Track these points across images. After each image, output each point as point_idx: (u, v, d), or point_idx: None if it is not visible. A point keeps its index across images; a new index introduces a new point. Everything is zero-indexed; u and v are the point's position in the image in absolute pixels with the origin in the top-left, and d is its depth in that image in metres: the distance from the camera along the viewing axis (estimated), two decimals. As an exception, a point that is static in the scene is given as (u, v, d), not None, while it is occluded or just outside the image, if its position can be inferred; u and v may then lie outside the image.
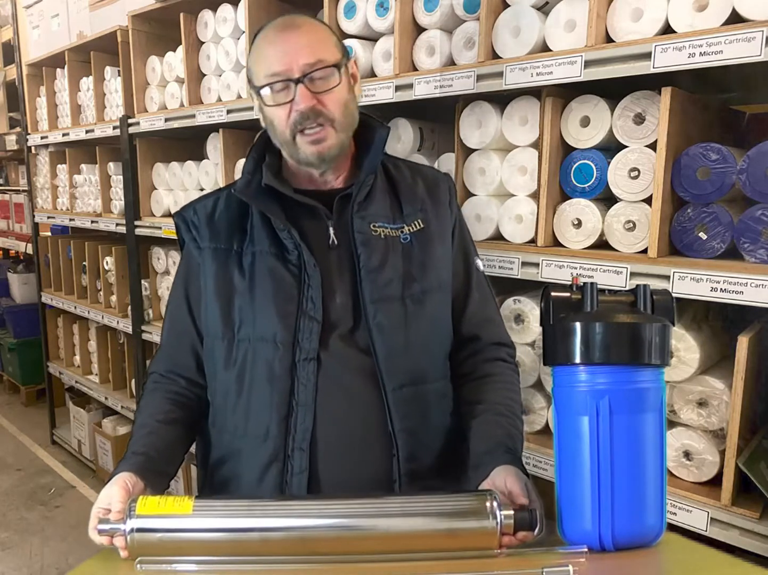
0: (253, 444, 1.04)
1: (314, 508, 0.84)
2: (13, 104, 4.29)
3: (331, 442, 1.02)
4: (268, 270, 1.05)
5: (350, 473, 1.03)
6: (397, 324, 1.04)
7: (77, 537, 2.78)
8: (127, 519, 0.82)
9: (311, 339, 1.02)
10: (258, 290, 1.05)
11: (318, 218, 1.07)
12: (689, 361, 1.31)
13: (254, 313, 1.04)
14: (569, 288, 0.87)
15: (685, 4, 1.21)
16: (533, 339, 1.56)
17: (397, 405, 1.03)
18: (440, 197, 1.14)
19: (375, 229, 1.06)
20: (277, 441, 1.02)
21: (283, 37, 1.01)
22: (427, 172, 1.19)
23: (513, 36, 1.44)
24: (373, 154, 1.09)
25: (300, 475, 1.01)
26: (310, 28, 1.03)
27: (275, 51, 1.01)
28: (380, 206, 1.09)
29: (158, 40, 2.53)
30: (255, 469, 1.04)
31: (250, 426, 1.05)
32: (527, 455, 1.55)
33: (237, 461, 1.07)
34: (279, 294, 1.04)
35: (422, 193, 1.13)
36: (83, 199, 3.15)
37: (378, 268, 1.05)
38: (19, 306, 4.43)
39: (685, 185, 1.27)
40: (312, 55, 0.99)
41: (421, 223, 1.10)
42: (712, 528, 1.26)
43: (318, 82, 1.00)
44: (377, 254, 1.05)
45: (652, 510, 0.82)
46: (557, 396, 0.88)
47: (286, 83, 1.00)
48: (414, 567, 0.81)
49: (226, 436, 1.09)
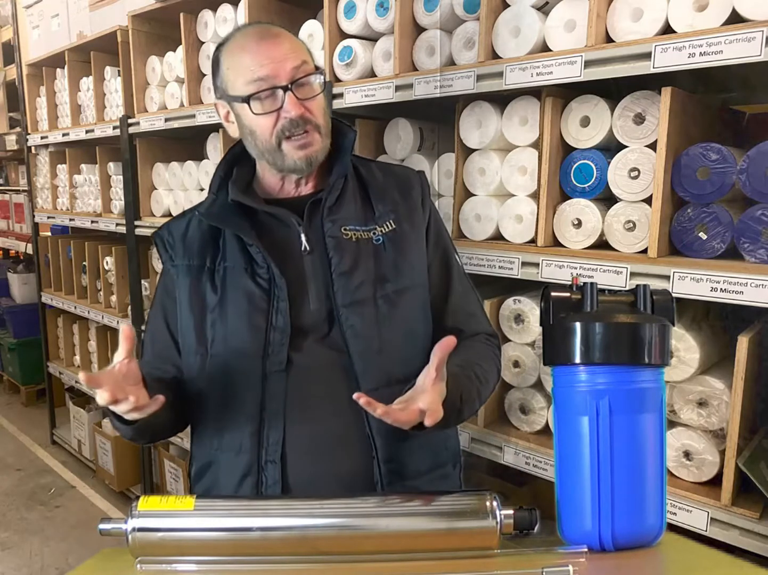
0: (228, 457, 1.06)
1: (315, 508, 0.84)
2: (13, 104, 4.29)
3: (303, 452, 1.03)
4: (239, 285, 1.06)
5: (327, 480, 1.03)
6: (371, 326, 1.05)
7: (77, 537, 2.78)
8: (129, 518, 0.82)
9: (280, 351, 1.03)
10: (230, 305, 1.06)
11: (289, 226, 1.07)
12: (689, 361, 1.31)
13: (226, 328, 1.05)
14: (569, 288, 0.87)
15: (685, 4, 1.21)
16: (533, 339, 1.56)
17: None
18: (413, 195, 1.14)
19: (346, 232, 1.07)
20: (250, 455, 1.03)
21: (264, 45, 1.01)
22: (398, 171, 1.19)
23: (513, 36, 1.44)
24: (343, 159, 1.10)
25: (273, 487, 1.02)
26: (288, 36, 1.04)
27: (258, 58, 1.00)
28: (351, 209, 1.09)
29: (158, 40, 2.53)
30: (232, 481, 1.06)
31: (224, 440, 1.06)
32: (527, 455, 1.55)
33: (216, 470, 1.09)
34: (250, 308, 1.04)
35: (394, 192, 1.13)
36: (83, 199, 3.15)
37: (349, 271, 1.05)
38: (19, 306, 4.43)
39: (685, 185, 1.27)
40: (297, 59, 1.00)
41: (393, 224, 1.10)
42: (712, 528, 1.26)
43: (304, 89, 1.01)
44: (348, 257, 1.05)
45: (652, 510, 0.82)
46: (557, 396, 0.88)
47: (271, 91, 1.00)
48: (414, 567, 0.81)
49: (204, 449, 1.10)
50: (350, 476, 1.04)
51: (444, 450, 1.15)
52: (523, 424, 1.62)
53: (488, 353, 1.13)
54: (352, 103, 1.74)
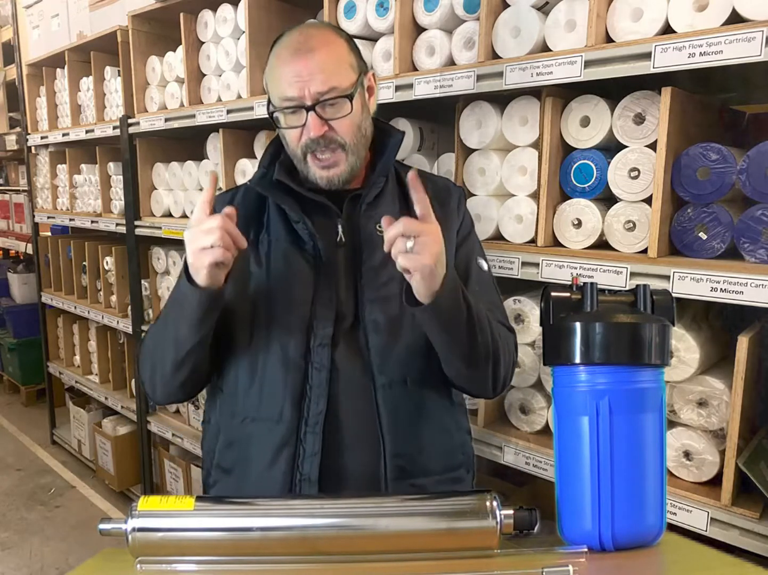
0: (265, 427, 1.06)
1: (315, 508, 0.84)
2: (13, 104, 4.29)
3: (341, 427, 1.05)
4: (285, 258, 1.08)
5: (353, 459, 1.05)
6: (393, 323, 1.07)
7: (77, 537, 2.78)
8: (129, 518, 0.82)
9: (326, 326, 1.05)
10: (274, 277, 1.08)
11: (328, 216, 1.10)
12: (689, 361, 1.31)
13: (270, 299, 1.07)
14: (569, 288, 0.87)
15: (685, 4, 1.21)
16: (533, 339, 1.56)
17: (386, 402, 1.05)
18: (450, 203, 1.17)
19: (380, 230, 1.08)
20: (289, 425, 1.05)
21: (296, 59, 1.01)
22: (438, 182, 1.22)
23: (513, 36, 1.44)
24: (386, 158, 1.12)
25: (312, 458, 1.04)
26: (325, 51, 1.02)
27: (289, 74, 1.01)
28: (388, 209, 1.10)
29: (158, 40, 2.53)
30: (266, 453, 1.06)
31: (263, 409, 1.07)
32: (527, 455, 1.55)
33: (246, 445, 1.09)
34: (295, 280, 1.07)
35: (431, 199, 1.14)
36: (83, 199, 3.15)
37: (378, 267, 1.08)
38: (19, 306, 4.43)
39: (685, 185, 1.27)
40: (325, 83, 1.00)
41: None
42: (712, 528, 1.26)
43: (329, 109, 1.02)
44: (380, 253, 1.06)
45: (652, 510, 0.82)
46: (557, 396, 0.88)
47: (297, 108, 1.01)
48: (414, 567, 0.81)
49: (236, 421, 1.10)
50: (364, 465, 1.05)
51: (461, 455, 1.16)
52: (523, 424, 1.62)
53: (501, 330, 1.11)
54: (352, 103, 1.74)
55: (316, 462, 1.03)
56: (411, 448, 1.07)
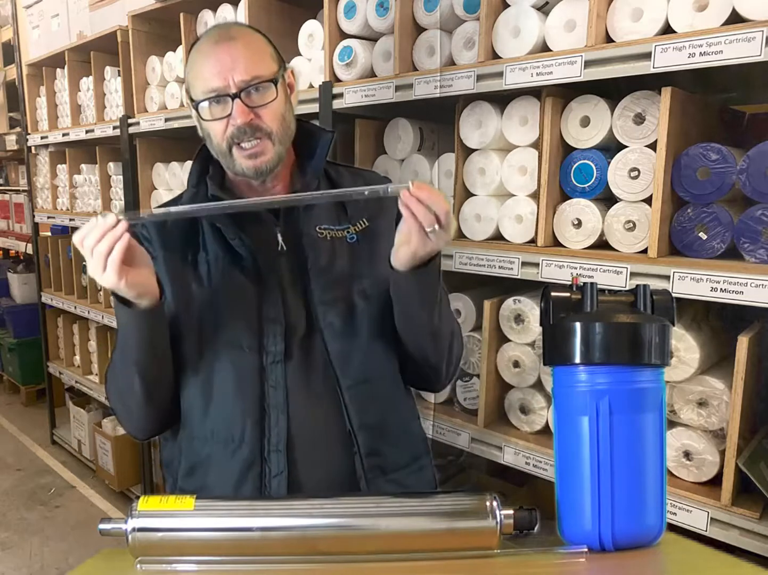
0: (226, 450, 1.04)
1: (315, 507, 0.84)
2: (13, 104, 4.29)
3: (304, 442, 1.04)
4: (225, 277, 1.06)
5: (322, 470, 1.04)
6: (348, 323, 1.06)
7: (77, 537, 2.78)
8: (129, 518, 0.82)
9: (276, 342, 1.04)
10: (217, 297, 1.05)
11: (265, 225, 1.08)
12: (689, 361, 1.31)
13: (216, 320, 1.05)
14: (569, 288, 0.87)
15: (685, 4, 1.21)
16: (533, 339, 1.56)
17: (353, 403, 1.05)
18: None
19: (321, 231, 1.08)
20: (252, 446, 1.03)
21: (218, 50, 1.00)
22: (367, 176, 1.20)
23: (513, 36, 1.44)
24: (318, 158, 1.10)
25: (279, 476, 1.02)
26: (245, 41, 1.02)
27: (211, 65, 1.00)
28: (324, 210, 1.10)
29: (158, 40, 2.53)
30: (230, 476, 1.04)
31: (222, 433, 1.05)
32: (527, 455, 1.55)
33: (206, 470, 1.07)
34: (238, 299, 1.05)
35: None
36: (83, 199, 3.15)
37: (325, 269, 1.07)
38: (19, 307, 4.43)
39: (685, 185, 1.27)
40: (248, 71, 0.99)
41: (366, 221, 1.11)
42: (712, 528, 1.26)
43: (254, 96, 1.00)
44: (324, 255, 1.06)
45: (652, 510, 0.82)
46: (557, 397, 0.88)
47: (221, 98, 0.99)
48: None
49: (196, 443, 1.08)
50: (337, 470, 1.05)
51: (421, 442, 1.17)
52: (523, 424, 1.62)
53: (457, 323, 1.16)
54: (352, 103, 1.74)
55: (283, 481, 1.02)
56: (382, 444, 1.07)
